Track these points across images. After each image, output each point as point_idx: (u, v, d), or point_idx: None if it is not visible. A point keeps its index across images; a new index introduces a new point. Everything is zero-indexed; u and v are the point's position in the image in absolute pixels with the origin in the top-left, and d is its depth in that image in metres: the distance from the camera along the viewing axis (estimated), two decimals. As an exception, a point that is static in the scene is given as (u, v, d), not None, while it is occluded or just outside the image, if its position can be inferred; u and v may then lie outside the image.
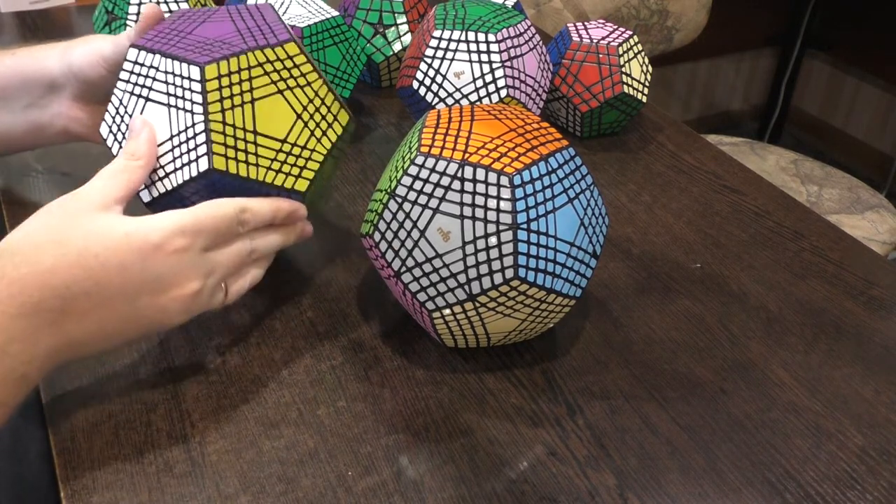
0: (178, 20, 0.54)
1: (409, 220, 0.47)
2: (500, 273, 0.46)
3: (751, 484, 0.46)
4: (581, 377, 0.53)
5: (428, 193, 0.47)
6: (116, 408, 0.49)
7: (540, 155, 0.48)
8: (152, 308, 0.46)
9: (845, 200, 1.33)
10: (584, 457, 0.47)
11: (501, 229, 0.46)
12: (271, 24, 0.53)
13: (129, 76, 0.51)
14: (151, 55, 0.50)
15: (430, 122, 0.50)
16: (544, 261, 0.47)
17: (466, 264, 0.46)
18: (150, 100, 0.50)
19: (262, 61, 0.50)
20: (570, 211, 0.48)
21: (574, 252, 0.48)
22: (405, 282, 0.48)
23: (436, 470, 0.46)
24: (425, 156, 0.47)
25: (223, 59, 0.49)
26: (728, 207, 0.71)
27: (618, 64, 0.76)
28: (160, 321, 0.47)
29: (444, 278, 0.47)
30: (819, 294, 0.61)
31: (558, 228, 0.47)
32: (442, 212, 0.46)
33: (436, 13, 0.71)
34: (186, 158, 0.49)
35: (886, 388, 0.53)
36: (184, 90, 0.49)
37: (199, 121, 0.48)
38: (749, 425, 0.50)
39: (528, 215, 0.46)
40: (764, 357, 0.55)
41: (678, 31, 1.56)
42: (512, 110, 0.52)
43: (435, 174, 0.47)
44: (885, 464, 0.48)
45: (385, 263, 0.49)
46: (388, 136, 0.80)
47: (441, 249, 0.47)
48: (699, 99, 2.49)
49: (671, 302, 0.60)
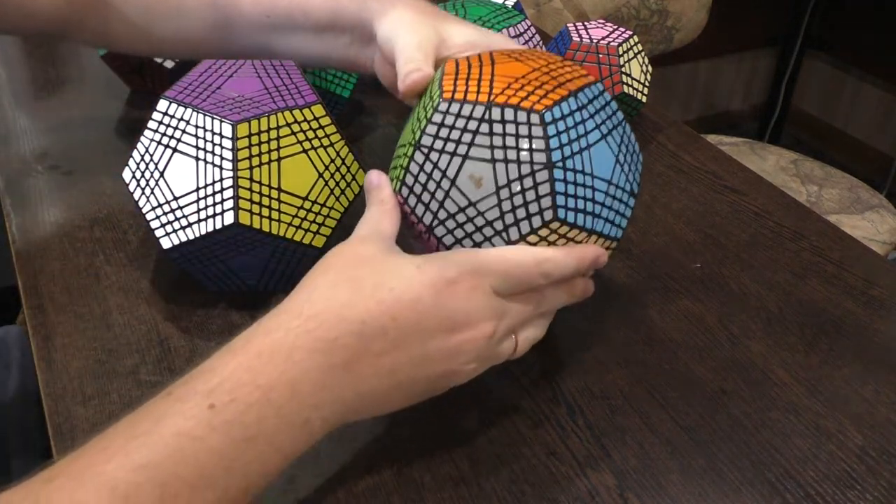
0: (204, 73, 0.55)
1: (437, 171, 0.45)
2: (538, 216, 0.44)
3: (751, 484, 0.46)
4: (581, 377, 0.53)
5: (455, 140, 0.45)
6: (116, 408, 0.49)
7: (568, 91, 0.46)
8: (444, 352, 0.42)
9: (845, 200, 1.33)
10: (584, 457, 0.47)
11: (536, 169, 0.44)
12: (298, 85, 0.55)
13: (158, 126, 0.53)
14: (182, 108, 0.52)
15: (448, 69, 0.48)
16: (583, 200, 0.45)
17: (502, 210, 0.44)
18: (178, 151, 0.51)
19: (290, 122, 0.52)
20: (604, 147, 0.46)
21: (612, 190, 0.46)
22: (438, 235, 0.46)
23: (436, 470, 0.46)
24: (449, 101, 0.45)
25: (254, 118, 0.50)
26: (728, 207, 0.71)
27: (618, 64, 0.76)
28: (450, 369, 0.43)
29: (480, 227, 0.45)
30: (819, 294, 0.61)
31: (594, 166, 0.45)
32: (472, 157, 0.44)
33: (436, 13, 0.71)
34: (212, 211, 0.50)
35: (886, 388, 0.53)
36: (214, 145, 0.50)
37: (228, 176, 0.50)
38: (749, 425, 0.50)
39: (562, 153, 0.44)
40: (764, 357, 0.55)
41: (678, 31, 1.56)
42: (532, 52, 0.50)
43: (461, 119, 0.45)
44: (885, 464, 0.48)
45: (416, 219, 0.47)
46: (388, 135, 0.80)
47: (474, 197, 0.45)
48: (699, 99, 2.49)
49: (671, 302, 0.60)
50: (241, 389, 0.38)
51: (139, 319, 0.55)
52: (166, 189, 0.52)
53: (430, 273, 0.42)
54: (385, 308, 0.41)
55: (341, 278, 0.42)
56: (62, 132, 0.77)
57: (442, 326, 0.42)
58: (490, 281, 0.43)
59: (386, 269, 0.42)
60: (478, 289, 0.43)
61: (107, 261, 0.61)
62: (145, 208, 0.53)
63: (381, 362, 0.41)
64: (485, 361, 0.45)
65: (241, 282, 0.57)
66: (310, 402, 0.39)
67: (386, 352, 0.41)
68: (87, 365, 0.52)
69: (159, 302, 0.57)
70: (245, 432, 0.37)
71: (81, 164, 0.72)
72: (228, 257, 0.53)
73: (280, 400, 0.38)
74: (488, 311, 0.43)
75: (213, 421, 0.37)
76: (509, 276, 0.44)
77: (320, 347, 0.40)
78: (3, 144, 0.74)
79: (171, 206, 0.52)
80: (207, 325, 0.55)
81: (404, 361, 0.42)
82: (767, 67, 2.53)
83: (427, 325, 0.42)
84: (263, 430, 0.38)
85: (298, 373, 0.39)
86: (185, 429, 0.36)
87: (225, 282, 0.57)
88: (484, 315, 0.43)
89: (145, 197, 0.53)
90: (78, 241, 0.62)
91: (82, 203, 0.67)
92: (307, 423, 0.40)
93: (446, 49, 0.55)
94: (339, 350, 0.40)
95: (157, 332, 0.55)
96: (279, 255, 0.54)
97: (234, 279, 0.56)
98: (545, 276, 0.45)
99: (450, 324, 0.42)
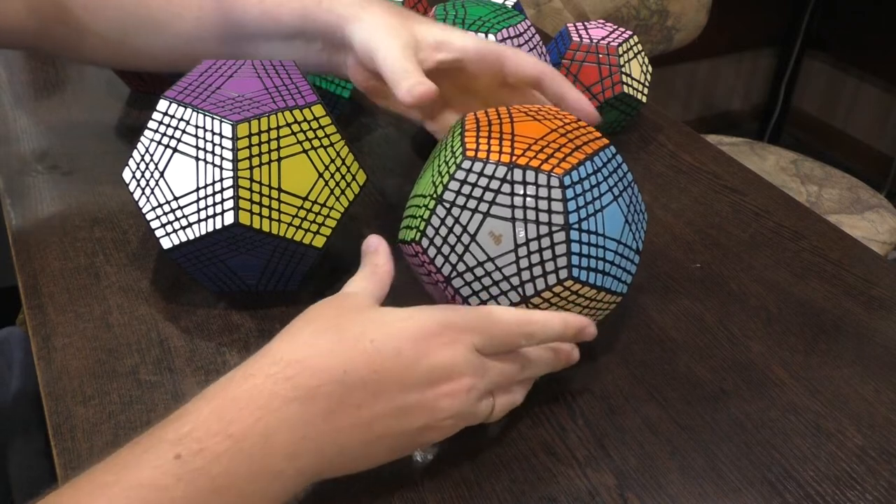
0: (204, 73, 0.55)
1: (458, 225, 0.47)
2: (553, 274, 0.46)
3: (751, 484, 0.46)
4: (581, 377, 0.53)
5: (477, 197, 0.47)
6: (116, 408, 0.49)
7: (585, 154, 0.48)
8: (423, 405, 0.42)
9: (845, 200, 1.33)
10: (584, 457, 0.47)
11: (554, 230, 0.46)
12: (298, 84, 0.55)
13: (158, 126, 0.52)
14: (182, 108, 0.51)
15: (469, 125, 0.50)
16: (595, 259, 0.47)
17: (519, 266, 0.46)
18: (178, 151, 0.51)
19: (291, 122, 0.52)
20: (615, 209, 0.48)
21: (621, 249, 0.49)
22: (456, 286, 0.48)
23: (436, 470, 0.46)
24: (472, 160, 0.47)
25: (254, 118, 0.50)
26: (728, 207, 0.71)
27: (618, 64, 0.76)
28: (429, 424, 0.43)
29: (497, 281, 0.47)
30: (819, 294, 0.61)
31: (606, 226, 0.48)
32: (493, 215, 0.46)
33: (436, 13, 0.71)
34: (212, 211, 0.50)
35: (886, 388, 0.53)
36: (214, 145, 0.50)
37: (228, 176, 0.50)
38: (749, 425, 0.50)
39: (578, 215, 0.46)
40: (764, 357, 0.55)
41: (678, 31, 1.56)
42: (548, 110, 0.52)
43: (483, 178, 0.47)
44: (885, 464, 0.48)
45: (434, 269, 0.49)
46: (388, 135, 0.80)
47: (493, 253, 0.47)
48: (699, 99, 2.49)
49: (671, 302, 0.60)
50: (210, 439, 0.37)
51: (139, 319, 0.55)
52: (166, 189, 0.52)
53: (412, 326, 0.42)
54: (367, 358, 0.41)
55: (324, 327, 0.42)
56: (62, 132, 0.77)
57: (422, 380, 0.42)
58: (473, 338, 0.43)
59: (369, 321, 0.43)
60: (459, 343, 0.43)
61: (107, 261, 0.61)
62: (145, 208, 0.53)
63: (360, 414, 0.41)
64: (463, 418, 0.44)
65: (241, 282, 0.57)
66: (285, 451, 0.39)
67: (366, 403, 0.41)
68: (87, 365, 0.52)
69: (159, 302, 0.57)
70: (212, 483, 0.37)
71: (81, 164, 0.72)
72: (228, 257, 0.53)
73: (252, 449, 0.38)
74: (468, 366, 0.43)
75: (180, 471, 0.36)
76: (492, 335, 0.44)
77: (300, 395, 0.39)
78: (3, 144, 0.74)
79: (171, 206, 0.52)
80: (207, 325, 0.55)
81: (384, 414, 0.41)
82: (767, 67, 2.53)
83: (407, 378, 0.42)
84: (234, 480, 0.37)
85: (274, 421, 0.38)
86: (149, 479, 0.36)
87: (225, 282, 0.57)
88: (464, 370, 0.43)
89: (145, 197, 0.53)
90: (78, 241, 0.62)
91: (82, 203, 0.67)
92: (280, 475, 0.39)
93: (420, 51, 0.56)
94: (320, 399, 0.40)
95: (157, 332, 0.55)
96: (279, 256, 0.54)
97: (234, 279, 0.56)
98: (528, 337, 0.45)
99: (430, 377, 0.42)
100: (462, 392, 0.43)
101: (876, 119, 2.34)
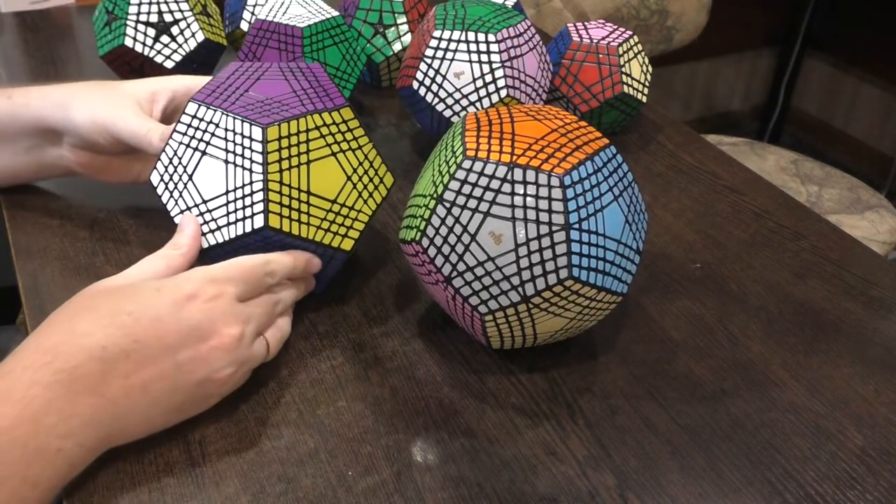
0: (231, 76, 0.55)
1: (458, 225, 0.47)
2: (553, 274, 0.46)
3: (751, 484, 0.46)
4: (581, 377, 0.53)
5: (478, 197, 0.47)
6: (116, 408, 0.49)
7: (585, 154, 0.48)
8: (195, 362, 0.45)
9: (845, 200, 1.33)
10: (584, 457, 0.47)
11: (554, 230, 0.46)
12: (325, 87, 0.55)
13: (187, 129, 0.52)
14: (212, 111, 0.51)
15: (469, 125, 0.50)
16: (595, 259, 0.47)
17: (520, 266, 0.47)
18: (206, 153, 0.51)
19: (320, 125, 0.52)
20: (615, 209, 0.48)
21: (621, 249, 0.49)
22: (456, 286, 0.48)
23: (436, 470, 0.46)
24: (472, 159, 0.47)
25: (284, 122, 0.50)
26: (728, 207, 0.71)
27: (618, 64, 0.76)
28: (206, 377, 0.45)
29: (497, 281, 0.47)
30: (819, 294, 0.61)
31: (606, 226, 0.48)
32: (493, 215, 0.46)
33: (436, 13, 0.71)
34: (242, 214, 0.50)
35: (886, 388, 0.53)
36: (244, 148, 0.50)
37: (258, 179, 0.49)
38: (749, 425, 0.50)
39: (578, 215, 0.46)
40: (764, 357, 0.55)
41: (678, 31, 1.56)
42: (549, 110, 0.52)
43: (484, 177, 0.47)
44: (885, 464, 0.48)
45: (434, 269, 0.49)
46: (388, 135, 0.80)
47: (493, 252, 0.47)
48: (699, 99, 2.49)
49: (671, 302, 0.60)
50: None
51: (139, 319, 0.55)
52: (195, 192, 0.52)
53: (168, 292, 0.45)
54: (126, 331, 0.43)
55: (78, 308, 0.44)
56: (62, 132, 0.77)
57: (189, 338, 0.44)
58: (229, 288, 0.46)
59: (125, 296, 0.45)
60: (219, 297, 0.46)
61: (107, 261, 0.61)
62: (173, 211, 0.53)
63: (129, 383, 0.43)
64: (241, 365, 0.47)
65: None
66: (58, 431, 0.40)
67: (133, 372, 0.43)
68: (87, 365, 0.52)
69: (159, 302, 0.57)
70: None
71: (81, 165, 0.71)
72: None
73: (25, 436, 0.39)
74: (232, 316, 0.46)
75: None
76: (245, 280, 0.48)
77: (61, 379, 0.41)
78: (3, 144, 0.74)
79: (199, 210, 0.51)
80: (207, 325, 0.55)
81: (156, 378, 0.43)
82: (767, 67, 2.53)
83: (172, 341, 0.44)
84: (13, 469, 0.39)
85: (40, 405, 0.40)
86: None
87: None
88: (229, 321, 0.46)
89: (173, 200, 0.53)
90: (78, 241, 0.62)
91: (82, 203, 0.67)
92: (61, 452, 0.41)
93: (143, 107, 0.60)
94: (80, 378, 0.41)
95: (157, 332, 0.54)
96: None
97: None
98: (271, 275, 0.50)
99: (196, 334, 0.44)
100: (232, 342, 0.45)
101: (876, 119, 2.34)
